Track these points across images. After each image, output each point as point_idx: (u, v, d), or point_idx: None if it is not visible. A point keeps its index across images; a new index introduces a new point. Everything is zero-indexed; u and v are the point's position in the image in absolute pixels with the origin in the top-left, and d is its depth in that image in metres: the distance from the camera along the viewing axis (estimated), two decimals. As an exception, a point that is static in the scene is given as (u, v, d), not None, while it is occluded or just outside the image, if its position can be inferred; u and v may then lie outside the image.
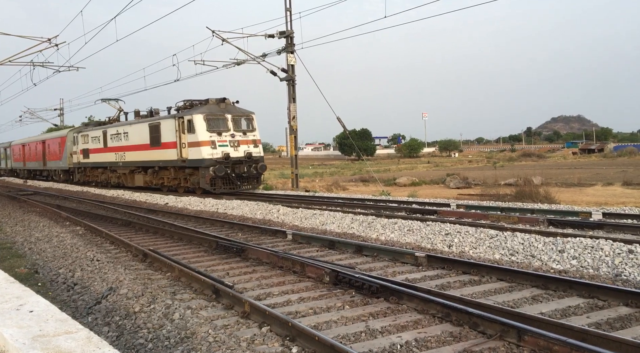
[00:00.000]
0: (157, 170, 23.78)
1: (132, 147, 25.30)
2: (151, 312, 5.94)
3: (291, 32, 23.75)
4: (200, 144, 20.23)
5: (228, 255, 9.05)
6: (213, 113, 20.78)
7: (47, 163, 38.60)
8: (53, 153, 37.06)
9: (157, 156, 23.17)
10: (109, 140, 27.71)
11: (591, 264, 7.34)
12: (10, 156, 50.35)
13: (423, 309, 5.54)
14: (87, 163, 30.94)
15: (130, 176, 26.28)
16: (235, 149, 20.64)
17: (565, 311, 5.50)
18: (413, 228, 10.52)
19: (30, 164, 43.77)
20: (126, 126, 26.18)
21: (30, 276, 8.58)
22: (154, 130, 23.21)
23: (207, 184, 20.11)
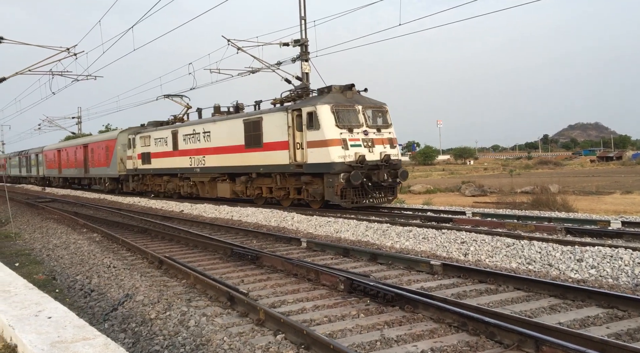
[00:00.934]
0: (253, 178, 18.97)
1: (217, 149, 20.69)
2: (167, 319, 5.97)
3: (306, 41, 23.86)
4: (328, 144, 15.38)
5: (243, 262, 9.07)
6: (341, 103, 16.08)
7: (90, 170, 34.15)
8: (98, 158, 32.53)
9: (255, 159, 18.43)
10: (182, 142, 23.22)
11: (610, 273, 7.22)
12: (43, 163, 45.88)
13: (439, 318, 5.49)
14: (146, 169, 26.36)
15: (211, 185, 21.64)
16: (369, 150, 15.86)
17: (584, 321, 5.41)
18: (428, 236, 10.46)
19: (67, 172, 39.44)
20: (208, 124, 21.50)
21: (48, 283, 8.68)
22: (253, 127, 18.57)
23: (337, 196, 15.37)
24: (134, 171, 27.66)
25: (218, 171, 20.90)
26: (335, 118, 15.64)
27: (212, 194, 21.72)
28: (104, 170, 31.81)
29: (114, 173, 30.15)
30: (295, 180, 17.19)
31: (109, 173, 30.99)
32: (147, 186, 27.17)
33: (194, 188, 23.10)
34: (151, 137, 25.91)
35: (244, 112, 20.53)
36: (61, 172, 40.89)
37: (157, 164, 25.44)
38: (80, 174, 36.57)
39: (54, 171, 42.59)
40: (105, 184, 32.11)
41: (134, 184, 28.28)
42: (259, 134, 18.28)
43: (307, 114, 16.12)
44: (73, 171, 37.96)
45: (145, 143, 26.48)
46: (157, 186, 26.29)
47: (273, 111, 17.99)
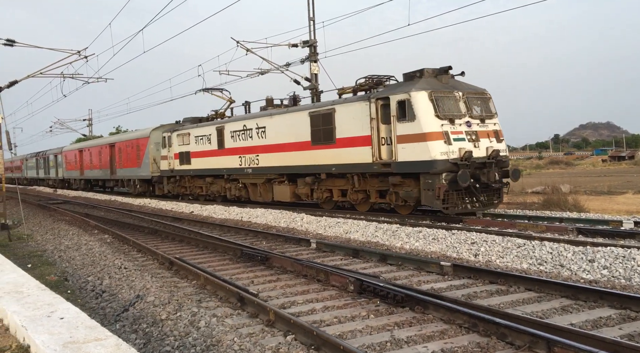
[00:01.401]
0: (321, 179, 16.35)
1: (274, 147, 18.12)
2: (177, 320, 6.00)
3: (314, 42, 23.88)
4: (426, 138, 12.81)
5: (252, 263, 9.09)
6: (440, 90, 13.45)
7: (117, 171, 31.32)
8: (127, 158, 29.68)
9: (325, 158, 15.92)
10: (229, 139, 20.63)
11: (623, 274, 7.16)
12: (62, 164, 42.83)
13: (449, 319, 5.47)
14: (185, 170, 23.76)
15: (265, 187, 19.05)
16: (474, 144, 13.25)
17: (597, 322, 5.37)
18: (438, 237, 10.42)
19: (91, 173, 36.56)
20: (262, 119, 18.81)
21: (60, 284, 8.75)
22: (322, 121, 15.99)
23: (438, 200, 12.72)
24: (170, 172, 24.90)
25: (275, 172, 18.23)
26: (434, 107, 12.97)
27: (265, 197, 19.15)
28: (133, 171, 28.92)
29: (145, 174, 27.34)
30: (380, 181, 14.54)
31: (139, 174, 28.12)
32: (185, 189, 24.53)
33: (243, 191, 20.49)
34: (191, 134, 23.14)
35: (308, 104, 17.66)
36: (83, 174, 38.04)
37: (199, 164, 22.74)
38: (105, 175, 33.73)
39: (75, 172, 39.85)
40: (135, 187, 29.35)
41: (169, 186, 25.55)
42: (330, 129, 15.66)
43: (397, 103, 13.41)
44: (97, 172, 35.09)
45: (183, 141, 23.77)
46: (197, 189, 23.64)
47: (349, 101, 15.20)
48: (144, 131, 28.43)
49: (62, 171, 43.34)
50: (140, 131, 29.77)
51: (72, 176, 40.77)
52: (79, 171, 38.76)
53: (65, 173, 42.33)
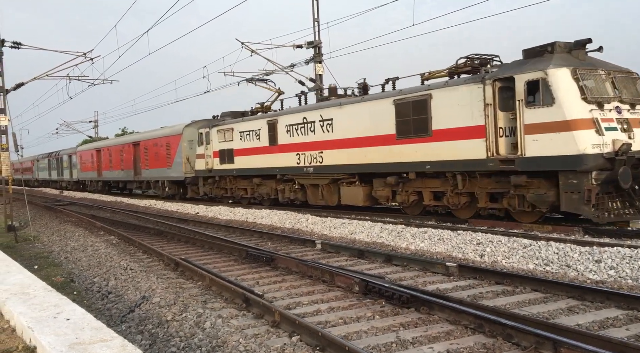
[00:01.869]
0: (407, 179, 13.74)
1: (344, 142, 15.39)
2: (183, 321, 6.01)
3: (319, 42, 23.89)
4: (571, 127, 10.28)
5: (258, 264, 9.10)
6: (583, 67, 10.89)
7: (143, 172, 28.67)
8: (155, 158, 27.10)
9: (416, 153, 13.26)
10: (283, 134, 17.93)
11: (630, 274, 7.12)
12: (77, 165, 40.15)
13: (455, 320, 5.45)
14: (227, 169, 21.22)
15: (330, 188, 16.35)
16: (628, 135, 10.71)
17: (603, 323, 5.34)
18: (443, 237, 10.39)
19: (110, 174, 33.73)
20: (329, 110, 16.05)
21: (66, 285, 8.79)
22: (413, 109, 13.29)
23: (587, 206, 10.20)
24: (207, 173, 22.42)
25: (344, 171, 15.55)
26: (579, 88, 10.44)
27: (329, 200, 16.47)
28: (162, 172, 26.24)
29: (177, 174, 24.80)
30: (496, 182, 11.96)
31: (170, 175, 25.52)
32: (225, 191, 22.05)
33: (299, 193, 17.87)
34: (235, 130, 20.49)
35: (392, 91, 14.39)
36: (101, 175, 35.21)
37: (244, 163, 20.13)
38: (127, 177, 30.79)
39: (92, 173, 37.01)
40: (163, 189, 26.83)
41: (206, 187, 23.09)
42: (424, 119, 13.02)
43: (526, 85, 10.91)
44: (118, 173, 32.18)
45: (225, 137, 21.16)
46: (240, 191, 21.09)
47: (452, 84, 12.59)
48: (175, 128, 25.61)
49: (76, 172, 40.61)
50: (171, 127, 26.61)
51: (88, 177, 37.94)
52: (96, 172, 36.05)
53: (80, 174, 39.62)
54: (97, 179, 36.17)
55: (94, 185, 37.61)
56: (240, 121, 20.82)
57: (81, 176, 39.66)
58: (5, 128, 17.07)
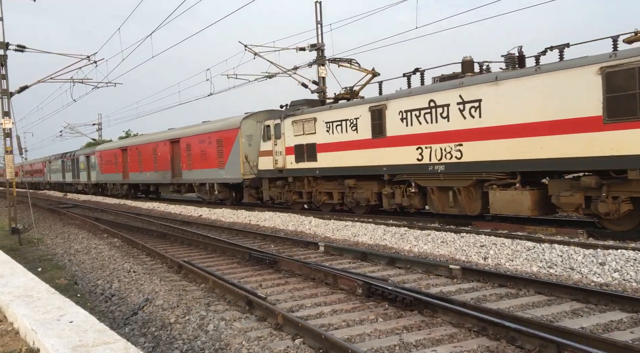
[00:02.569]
0: (614, 180, 10.04)
1: (500, 130, 11.65)
2: (186, 323, 6.01)
3: (322, 45, 23.91)
4: None
5: (261, 266, 9.10)
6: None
7: (183, 174, 24.68)
8: (200, 157, 23.17)
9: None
10: (396, 123, 14.14)
11: (634, 277, 7.08)
12: (96, 166, 36.08)
13: (458, 323, 5.44)
14: (306, 168, 17.21)
15: (471, 192, 12.66)
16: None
17: (608, 326, 5.32)
18: (447, 240, 10.37)
19: (139, 176, 29.31)
20: (474, 88, 12.20)
21: (70, 287, 8.81)
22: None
23: None
24: (277, 173, 18.47)
25: (500, 169, 11.81)
26: None
27: (469, 208, 12.75)
28: (212, 173, 22.35)
29: (233, 176, 20.78)
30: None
31: (222, 177, 21.54)
32: (299, 195, 18.15)
33: (415, 199, 14.07)
34: (318, 120, 16.62)
35: (594, 56, 10.18)
36: (127, 177, 30.91)
37: (332, 160, 16.18)
38: (163, 179, 26.52)
39: (115, 176, 32.67)
40: (211, 193, 22.86)
41: (273, 191, 19.16)
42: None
43: None
44: (151, 175, 27.71)
45: (304, 129, 17.15)
46: (323, 195, 17.03)
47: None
48: (230, 121, 21.56)
49: (95, 175, 36.37)
50: (223, 121, 22.50)
51: (111, 179, 33.69)
52: (120, 174, 31.76)
53: (100, 177, 35.40)
54: (122, 181, 31.75)
55: (117, 188, 33.20)
56: (327, 109, 16.60)
57: (101, 179, 35.46)
58: (9, 131, 17.13)
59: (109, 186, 34.80)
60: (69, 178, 43.69)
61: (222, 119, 22.74)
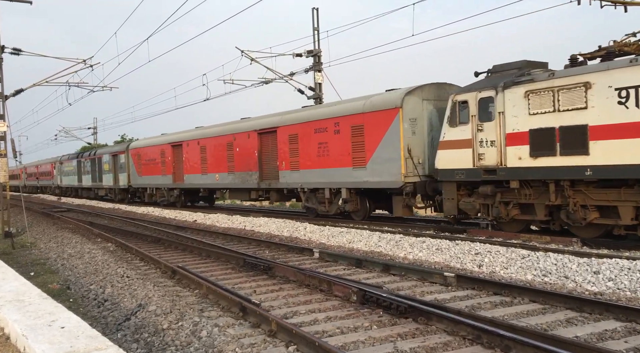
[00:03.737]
0: None
1: None
2: (179, 329, 5.97)
3: (319, 51, 23.98)
4: None
5: (255, 272, 9.06)
6: None
7: (283, 175, 17.98)
8: (317, 151, 16.63)
9: None
10: None
11: (628, 286, 7.09)
12: (129, 167, 29.73)
13: (453, 330, 5.42)
14: (560, 167, 10.55)
15: None
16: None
17: (602, 335, 5.31)
18: (442, 247, 10.37)
19: (201, 179, 22.76)
20: None
21: (63, 292, 8.74)
22: None
23: None
24: (481, 174, 11.97)
25: None
26: None
27: None
28: (340, 174, 15.75)
29: (384, 178, 14.41)
30: None
31: (363, 180, 15.04)
32: (530, 210, 11.50)
33: None
34: (595, 85, 10.03)
35: None
36: (181, 180, 24.45)
37: (622, 151, 9.69)
38: (244, 182, 19.90)
39: (161, 179, 26.20)
40: (329, 202, 16.41)
41: (467, 202, 12.50)
42: None
43: None
44: (223, 178, 21.21)
45: (558, 103, 10.56)
46: (590, 211, 10.32)
47: None
48: (380, 98, 14.89)
49: (126, 177, 29.99)
50: (362, 100, 15.48)
51: (154, 183, 27.05)
52: (170, 177, 25.37)
53: (137, 180, 28.81)
54: (172, 186, 25.17)
55: (161, 194, 26.65)
56: (624, 65, 9.70)
57: (138, 182, 28.80)
58: (4, 134, 17.06)
59: (153, 191, 27.57)
60: (87, 182, 36.92)
61: (358, 98, 16.02)
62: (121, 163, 30.78)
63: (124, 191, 31.35)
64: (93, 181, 35.80)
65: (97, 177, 34.97)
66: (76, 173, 39.55)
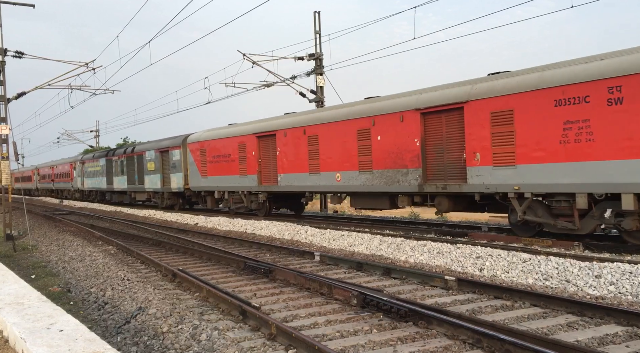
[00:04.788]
0: None
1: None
2: (179, 333, 5.96)
3: (320, 55, 24.02)
4: None
5: (256, 275, 9.05)
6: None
7: (476, 172, 11.66)
8: (545, 134, 10.28)
9: None
10: None
11: (630, 290, 7.06)
12: (185, 165, 23.68)
13: (453, 334, 5.40)
14: None
15: None
16: None
17: (603, 339, 5.28)
18: (443, 251, 10.34)
19: (307, 180, 16.94)
20: None
21: (63, 295, 8.73)
22: None
23: None
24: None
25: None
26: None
27: None
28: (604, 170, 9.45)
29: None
30: None
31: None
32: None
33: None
34: None
35: None
36: (273, 181, 18.71)
37: None
38: (388, 183, 14.09)
39: (241, 179, 20.02)
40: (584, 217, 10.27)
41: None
42: None
43: None
44: (347, 178, 15.40)
45: None
46: None
47: None
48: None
49: (182, 179, 23.64)
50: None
51: (229, 185, 20.71)
52: (253, 177, 19.33)
53: (201, 181, 22.41)
54: (257, 189, 19.27)
55: (238, 200, 20.66)
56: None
57: (202, 184, 22.29)
58: (6, 137, 17.10)
59: (216, 195, 21.60)
60: (119, 184, 30.74)
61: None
62: (174, 161, 24.31)
63: (175, 195, 25.29)
64: (130, 184, 29.40)
65: (135, 179, 28.74)
66: (104, 174, 33.25)
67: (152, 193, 27.33)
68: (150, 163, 26.87)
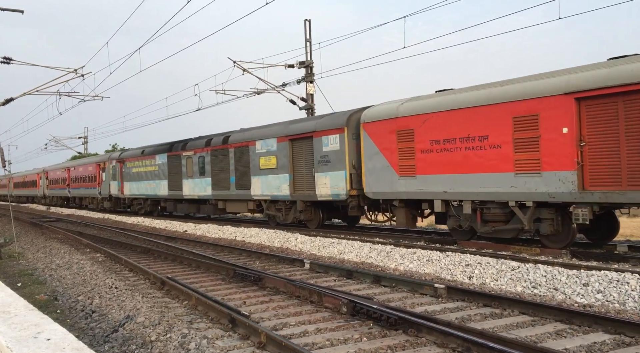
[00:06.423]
0: None
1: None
2: (167, 341, 5.91)
3: (311, 62, 24.10)
4: None
5: (245, 283, 9.01)
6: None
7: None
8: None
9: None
10: None
11: (617, 298, 7.12)
12: (349, 161, 14.73)
13: (443, 342, 5.41)
14: None
15: None
16: None
17: (591, 347, 5.32)
18: (432, 259, 10.37)
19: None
20: None
21: (50, 303, 8.63)
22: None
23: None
24: None
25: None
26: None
27: None
28: None
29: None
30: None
31: None
32: None
33: None
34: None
35: None
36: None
37: None
38: None
39: (517, 181, 10.57)
40: None
41: None
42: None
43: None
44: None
45: None
46: None
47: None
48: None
49: (346, 179, 14.81)
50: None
51: (472, 190, 11.52)
52: (574, 175, 9.80)
53: (398, 183, 13.25)
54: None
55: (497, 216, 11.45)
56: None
57: (398, 188, 13.29)
58: (-7, 143, 16.92)
59: (437, 206, 12.53)
60: (196, 190, 21.86)
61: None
62: (324, 153, 15.64)
63: (317, 206, 16.66)
64: (217, 189, 20.56)
65: (229, 182, 19.90)
66: (163, 176, 24.46)
67: (270, 200, 18.07)
68: (267, 157, 17.91)
